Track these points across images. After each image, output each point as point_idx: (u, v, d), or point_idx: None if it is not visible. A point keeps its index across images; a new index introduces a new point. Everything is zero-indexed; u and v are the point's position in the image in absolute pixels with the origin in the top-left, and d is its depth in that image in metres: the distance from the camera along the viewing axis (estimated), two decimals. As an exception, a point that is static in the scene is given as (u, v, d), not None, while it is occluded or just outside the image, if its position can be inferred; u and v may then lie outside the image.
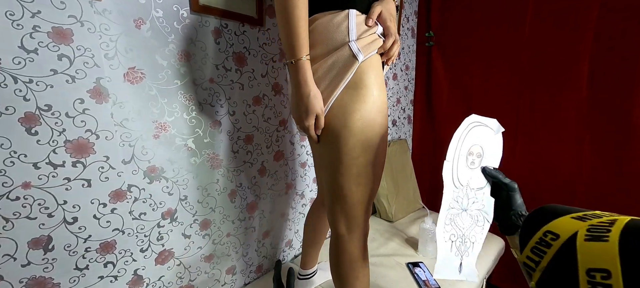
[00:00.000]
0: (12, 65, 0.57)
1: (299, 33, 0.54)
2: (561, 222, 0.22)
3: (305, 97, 0.57)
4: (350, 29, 0.58)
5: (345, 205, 0.63)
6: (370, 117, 0.59)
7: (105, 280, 0.75)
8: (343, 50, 0.58)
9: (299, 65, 0.56)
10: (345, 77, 0.58)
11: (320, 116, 0.59)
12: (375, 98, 0.60)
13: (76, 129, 0.66)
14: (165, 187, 0.81)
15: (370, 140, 0.60)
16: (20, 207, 0.61)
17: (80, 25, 0.64)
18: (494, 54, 1.41)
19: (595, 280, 0.17)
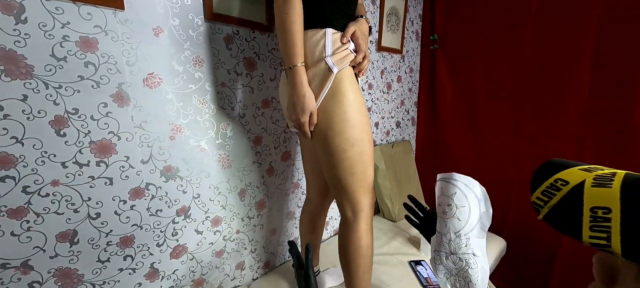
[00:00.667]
0: (44, 72, 0.62)
1: (296, 43, 0.65)
2: (571, 172, 0.25)
3: (301, 97, 0.67)
4: (326, 46, 0.69)
5: (346, 193, 0.73)
6: (348, 117, 0.69)
7: (125, 272, 0.80)
8: (321, 64, 0.69)
9: (296, 70, 0.66)
10: (325, 87, 0.69)
11: (314, 113, 0.69)
12: (351, 101, 0.70)
13: (100, 130, 0.71)
14: (179, 185, 0.86)
15: (353, 136, 0.70)
16: (49, 203, 0.66)
17: (105, 35, 0.68)
18: (496, 56, 1.44)
19: (597, 214, 0.21)
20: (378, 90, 1.53)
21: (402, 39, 1.60)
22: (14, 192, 0.62)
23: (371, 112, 1.51)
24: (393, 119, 1.69)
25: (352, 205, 0.73)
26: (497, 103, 1.46)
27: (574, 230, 0.23)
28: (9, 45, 0.58)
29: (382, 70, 1.53)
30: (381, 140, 1.63)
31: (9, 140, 0.60)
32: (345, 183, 0.72)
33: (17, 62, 0.59)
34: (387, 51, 1.52)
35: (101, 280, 0.76)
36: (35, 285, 0.67)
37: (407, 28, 1.64)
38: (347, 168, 0.71)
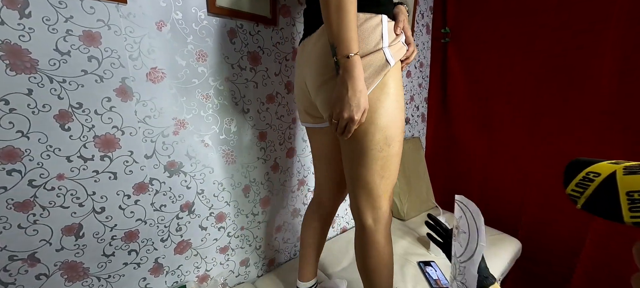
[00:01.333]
0: (48, 66, 0.63)
1: (354, 28, 0.56)
2: (601, 165, 0.28)
3: (358, 93, 0.58)
4: (384, 35, 0.62)
5: (372, 197, 0.67)
6: (393, 114, 0.64)
7: (129, 266, 0.80)
8: (378, 55, 0.61)
9: (354, 61, 0.56)
10: (376, 79, 0.61)
11: (366, 112, 0.60)
12: (397, 96, 0.64)
13: (104, 125, 0.71)
14: (183, 180, 0.85)
15: (393, 135, 0.65)
16: (55, 197, 0.67)
17: (108, 29, 0.68)
18: (512, 49, 1.37)
19: (634, 197, 0.24)
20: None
21: (412, 33, 1.55)
22: (20, 185, 0.63)
23: (379, 108, 1.48)
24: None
25: (374, 211, 0.67)
26: (512, 99, 1.39)
27: (614, 214, 0.25)
28: (13, 40, 0.59)
29: (391, 64, 1.49)
30: (390, 137, 1.59)
31: (14, 134, 0.61)
32: (372, 186, 0.65)
33: (22, 56, 0.60)
34: (396, 45, 1.48)
35: (106, 274, 0.77)
36: (41, 277, 0.68)
37: (417, 21, 1.59)
38: (379, 170, 0.65)
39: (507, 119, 1.43)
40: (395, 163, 0.67)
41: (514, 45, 1.36)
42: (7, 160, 0.61)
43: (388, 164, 0.65)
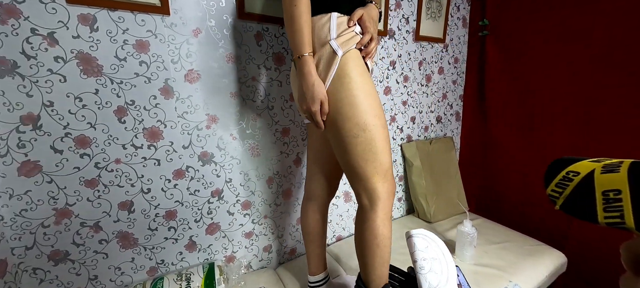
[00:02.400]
0: (110, 70, 0.77)
1: (304, 33, 0.66)
2: (581, 164, 0.27)
3: (310, 86, 0.67)
4: (331, 29, 0.69)
5: (361, 180, 0.70)
6: (358, 101, 0.67)
7: (169, 241, 0.93)
8: (326, 48, 0.69)
9: (304, 60, 0.67)
10: (330, 70, 0.68)
11: (324, 102, 0.68)
12: (359, 84, 0.68)
13: (150, 119, 0.84)
14: (214, 169, 0.96)
15: (364, 120, 0.67)
16: (113, 177, 0.82)
17: (155, 37, 0.80)
18: (560, 39, 1.22)
19: (609, 196, 0.23)
20: (415, 83, 1.45)
21: (444, 27, 1.48)
22: (89, 166, 0.78)
23: (407, 105, 1.44)
24: (433, 114, 1.58)
25: (368, 193, 0.71)
26: (560, 96, 1.24)
27: (589, 214, 0.25)
28: (85, 49, 0.73)
29: (421, 61, 1.44)
30: (418, 136, 1.54)
31: (85, 125, 0.76)
32: (359, 170, 0.70)
33: (91, 62, 0.74)
34: (426, 41, 1.43)
35: (151, 245, 0.91)
36: (103, 242, 0.84)
37: (452, 14, 1.51)
38: (360, 154, 0.69)
39: (554, 117, 1.29)
40: (379, 146, 0.69)
41: (562, 32, 1.21)
42: (80, 146, 0.77)
43: (370, 147, 0.68)
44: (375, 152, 0.69)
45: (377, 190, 0.70)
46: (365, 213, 0.72)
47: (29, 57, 0.68)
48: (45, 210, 0.76)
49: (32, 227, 0.75)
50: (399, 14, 1.29)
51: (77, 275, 0.82)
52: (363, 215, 0.73)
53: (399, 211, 1.55)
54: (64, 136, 0.74)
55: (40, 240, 0.76)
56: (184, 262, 0.97)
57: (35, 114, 0.71)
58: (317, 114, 0.69)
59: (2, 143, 0.69)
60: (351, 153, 0.69)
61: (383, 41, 1.27)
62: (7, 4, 0.64)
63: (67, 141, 0.75)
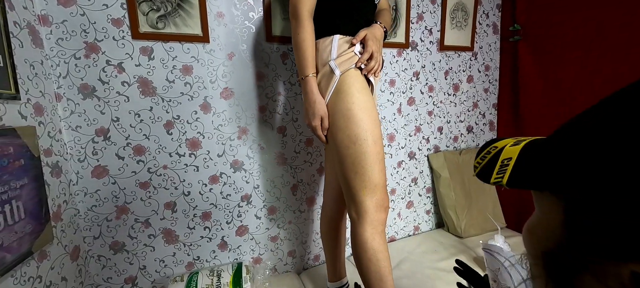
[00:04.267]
0: (162, 91, 0.92)
1: (307, 57, 0.75)
2: (503, 141, 0.30)
3: (312, 103, 0.75)
4: (332, 50, 0.77)
5: (351, 192, 0.73)
6: (351, 114, 0.72)
7: (204, 239, 1.04)
8: (326, 67, 0.77)
9: (307, 80, 0.75)
10: (329, 88, 0.75)
11: (325, 118, 0.75)
12: (355, 99, 0.72)
13: (192, 131, 0.97)
14: (243, 176, 1.06)
15: (356, 133, 0.71)
16: (161, 180, 0.96)
17: (197, 62, 0.95)
18: (602, 39, 1.12)
19: (503, 163, 0.27)
20: (441, 93, 1.43)
21: (472, 35, 1.45)
22: (143, 171, 0.93)
23: (433, 116, 1.42)
24: (462, 124, 1.52)
25: (356, 206, 0.73)
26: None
27: (487, 177, 0.28)
28: (144, 75, 0.90)
29: (447, 71, 1.43)
30: (446, 146, 1.50)
31: (141, 136, 0.92)
32: (349, 182, 0.73)
33: (148, 85, 0.90)
34: (452, 50, 1.41)
35: (189, 242, 1.03)
36: (151, 237, 0.97)
37: (480, 22, 1.48)
38: (350, 166, 0.72)
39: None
40: (370, 161, 0.71)
41: (603, 31, 1.11)
42: (137, 154, 0.92)
43: (359, 160, 0.70)
44: (364, 166, 0.71)
45: (364, 204, 0.71)
46: (354, 227, 0.74)
47: (103, 83, 0.86)
48: (109, 206, 0.92)
49: (99, 220, 0.91)
50: (421, 26, 1.31)
51: (130, 264, 0.97)
52: (353, 229, 0.75)
53: (427, 224, 1.50)
54: (126, 145, 0.90)
55: (105, 231, 0.92)
56: (216, 259, 1.07)
57: (105, 127, 0.88)
58: (317, 129, 0.76)
59: (82, 151, 0.87)
60: (342, 165, 0.73)
61: (405, 53, 1.30)
62: (91, 43, 0.83)
63: (127, 150, 0.91)
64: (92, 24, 0.83)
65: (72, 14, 0.81)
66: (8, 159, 0.62)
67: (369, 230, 0.71)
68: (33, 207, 0.68)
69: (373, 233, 0.71)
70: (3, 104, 0.63)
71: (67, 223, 0.82)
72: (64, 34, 0.81)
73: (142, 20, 0.86)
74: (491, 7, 1.50)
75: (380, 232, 0.72)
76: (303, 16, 0.74)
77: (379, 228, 0.72)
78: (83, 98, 0.85)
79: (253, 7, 0.99)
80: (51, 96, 0.80)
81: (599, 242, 0.18)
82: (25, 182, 0.66)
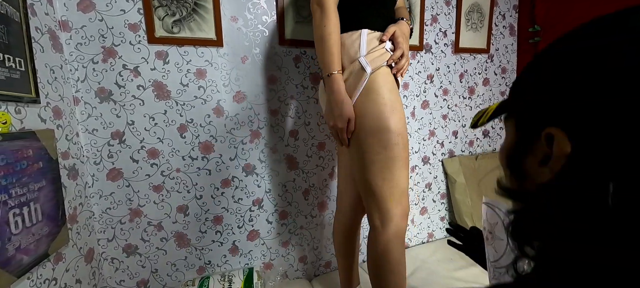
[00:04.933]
0: (176, 94, 0.93)
1: (333, 52, 0.68)
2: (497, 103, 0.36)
3: (339, 103, 0.68)
4: (361, 45, 0.71)
5: (376, 199, 0.69)
6: (383, 116, 0.67)
7: (215, 243, 1.04)
8: (355, 64, 0.71)
9: (333, 78, 0.69)
10: (358, 86, 0.69)
11: (352, 120, 0.69)
12: (386, 100, 0.68)
13: (205, 134, 0.97)
14: (255, 180, 1.05)
15: (387, 138, 0.67)
16: (174, 184, 0.96)
17: (211, 66, 0.95)
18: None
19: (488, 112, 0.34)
20: (456, 96, 1.39)
21: (488, 37, 1.41)
22: (156, 174, 0.94)
23: (447, 119, 1.39)
24: (479, 128, 1.48)
25: (381, 213, 0.69)
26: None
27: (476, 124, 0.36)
28: (159, 79, 0.90)
29: (462, 73, 1.39)
30: (462, 151, 1.45)
31: (155, 140, 0.92)
32: (375, 189, 0.68)
33: (163, 88, 0.91)
34: (467, 52, 1.38)
35: (201, 246, 1.02)
36: (163, 240, 0.97)
37: (497, 23, 1.44)
38: (378, 172, 0.67)
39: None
40: (399, 167, 0.67)
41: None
42: (151, 157, 0.92)
43: (389, 166, 0.66)
44: (393, 172, 0.67)
45: (391, 212, 0.68)
46: (377, 235, 0.70)
47: (120, 87, 0.87)
48: (123, 209, 0.92)
49: (113, 223, 0.92)
50: (435, 28, 1.29)
51: (143, 268, 0.97)
52: (375, 237, 0.71)
53: (442, 231, 1.45)
54: (140, 149, 0.91)
55: (118, 234, 0.93)
56: (227, 264, 1.06)
57: (121, 130, 0.89)
58: (343, 132, 0.70)
59: (98, 153, 0.87)
60: (369, 171, 0.68)
61: (419, 55, 1.27)
62: (108, 47, 0.84)
63: (142, 153, 0.91)
64: (110, 29, 0.84)
65: (91, 19, 0.82)
66: (27, 162, 0.63)
67: (393, 240, 0.68)
68: (50, 209, 0.69)
69: (397, 243, 0.68)
70: (24, 108, 0.64)
71: (83, 226, 0.83)
72: (82, 39, 0.82)
73: (158, 25, 0.87)
74: (508, 8, 1.46)
75: (402, 241, 0.69)
76: (329, 6, 0.67)
77: (402, 238, 0.69)
78: (100, 101, 0.86)
79: (266, 11, 0.99)
80: (69, 100, 0.82)
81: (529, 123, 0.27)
82: (43, 184, 0.67)
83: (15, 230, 0.59)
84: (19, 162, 0.61)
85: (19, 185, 0.60)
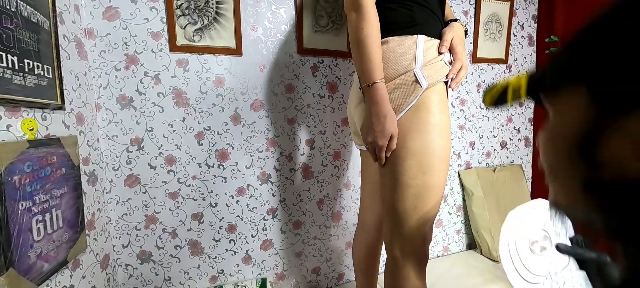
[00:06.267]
0: (195, 102, 0.93)
1: (375, 59, 0.59)
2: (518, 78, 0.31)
3: (382, 118, 0.59)
4: (417, 55, 0.61)
5: (402, 227, 0.62)
6: (430, 138, 0.60)
7: (229, 252, 1.02)
8: (408, 76, 0.61)
9: (376, 87, 0.59)
10: (408, 101, 0.61)
11: (394, 137, 0.60)
12: (436, 120, 0.60)
13: (221, 142, 0.97)
14: (270, 189, 1.04)
15: (429, 163, 0.60)
16: (190, 191, 0.95)
17: (229, 74, 0.95)
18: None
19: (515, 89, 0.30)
20: (474, 106, 1.37)
21: (506, 47, 1.39)
22: (172, 181, 0.93)
23: (464, 130, 1.36)
24: (496, 139, 1.44)
25: (403, 243, 0.62)
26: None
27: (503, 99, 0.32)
28: (179, 86, 0.91)
29: (479, 83, 1.36)
30: (478, 163, 1.42)
31: (173, 147, 0.92)
32: (403, 216, 0.61)
33: (182, 96, 0.91)
34: (485, 62, 1.36)
35: (214, 255, 1.01)
36: (177, 247, 0.97)
37: (515, 33, 1.41)
38: (411, 199, 0.60)
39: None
40: (434, 196, 0.60)
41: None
42: (168, 164, 0.92)
43: (423, 194, 0.59)
44: (427, 201, 0.60)
45: (415, 243, 0.62)
46: (398, 267, 0.63)
47: (140, 94, 0.88)
48: (139, 215, 0.92)
49: (129, 229, 0.91)
50: (453, 38, 1.27)
51: (156, 275, 0.96)
52: (395, 269, 0.64)
53: (457, 245, 1.41)
54: (158, 155, 0.91)
55: (133, 240, 0.92)
56: (240, 274, 1.05)
57: (140, 137, 0.89)
58: (382, 150, 0.61)
59: (117, 159, 0.88)
60: (401, 195, 0.61)
61: (436, 66, 1.25)
62: (131, 55, 0.85)
63: (159, 159, 0.91)
64: (133, 37, 0.85)
65: (115, 27, 0.83)
66: (51, 168, 0.63)
67: (414, 271, 0.62)
68: (70, 215, 0.69)
69: (418, 274, 0.62)
70: (49, 114, 0.65)
71: (99, 232, 0.83)
72: (106, 46, 0.83)
73: (179, 33, 0.88)
74: (526, 18, 1.44)
75: (423, 275, 0.63)
76: (367, 6, 0.58)
77: (425, 267, 0.64)
78: (121, 108, 0.86)
79: (285, 20, 0.99)
80: (92, 106, 0.82)
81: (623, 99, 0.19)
82: (64, 190, 0.67)
83: (37, 237, 0.59)
84: (43, 169, 0.61)
85: (42, 192, 0.61)
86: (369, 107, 0.61)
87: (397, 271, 0.64)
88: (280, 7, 0.98)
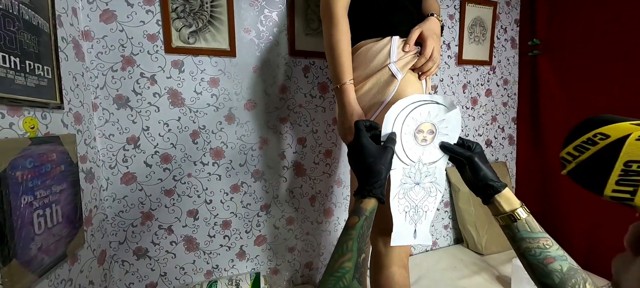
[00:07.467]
0: (190, 102, 0.96)
1: (343, 62, 0.64)
2: (617, 126, 0.21)
3: (349, 116, 0.64)
4: (392, 52, 0.65)
5: (383, 218, 0.62)
6: None
7: (223, 248, 1.05)
8: (384, 71, 0.65)
9: (344, 88, 0.64)
10: (386, 95, 0.64)
11: None
12: None
13: (216, 141, 1.00)
14: (263, 186, 1.08)
15: None
16: (185, 188, 0.98)
17: (224, 75, 0.99)
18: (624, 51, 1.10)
19: (631, 168, 0.18)
20: (459, 106, 1.42)
21: (490, 49, 1.45)
22: (168, 179, 0.96)
23: (451, 129, 1.41)
24: (481, 138, 1.51)
25: (386, 238, 0.63)
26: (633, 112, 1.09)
27: (597, 184, 0.20)
28: (174, 86, 0.94)
29: (465, 84, 1.42)
30: (465, 161, 1.48)
31: (169, 145, 0.95)
32: (384, 207, 0.58)
33: (177, 96, 0.94)
34: (470, 64, 1.42)
35: (209, 251, 1.04)
36: (173, 243, 0.99)
37: (498, 36, 1.48)
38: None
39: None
40: None
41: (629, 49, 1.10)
42: (164, 162, 0.95)
43: None
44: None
45: None
46: (380, 259, 0.65)
47: (137, 94, 0.90)
48: (135, 212, 0.94)
49: (125, 226, 0.94)
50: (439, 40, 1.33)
51: (152, 271, 0.98)
52: (377, 261, 0.66)
53: (445, 240, 1.47)
54: (154, 154, 0.94)
55: (130, 237, 0.95)
56: (234, 269, 1.08)
57: (136, 136, 0.92)
58: None
59: (113, 158, 0.90)
60: None
61: (423, 67, 1.31)
62: (127, 56, 0.88)
63: (155, 158, 0.94)
64: (130, 39, 0.88)
65: (112, 30, 0.86)
66: (51, 165, 0.66)
67: (397, 263, 0.64)
68: (69, 211, 0.71)
69: (401, 266, 0.64)
70: (49, 113, 0.67)
71: (96, 228, 0.85)
72: (103, 48, 0.86)
73: (175, 35, 0.91)
74: (509, 21, 1.51)
75: (406, 268, 0.65)
76: (337, 14, 0.64)
77: (407, 264, 0.66)
78: (117, 108, 0.89)
79: (278, 23, 1.03)
80: (89, 106, 0.85)
81: None
82: (64, 187, 0.70)
83: (38, 230, 0.62)
84: (44, 165, 0.64)
85: (43, 188, 0.63)
86: (339, 107, 0.68)
87: (381, 263, 0.66)
88: (273, 11, 1.02)
